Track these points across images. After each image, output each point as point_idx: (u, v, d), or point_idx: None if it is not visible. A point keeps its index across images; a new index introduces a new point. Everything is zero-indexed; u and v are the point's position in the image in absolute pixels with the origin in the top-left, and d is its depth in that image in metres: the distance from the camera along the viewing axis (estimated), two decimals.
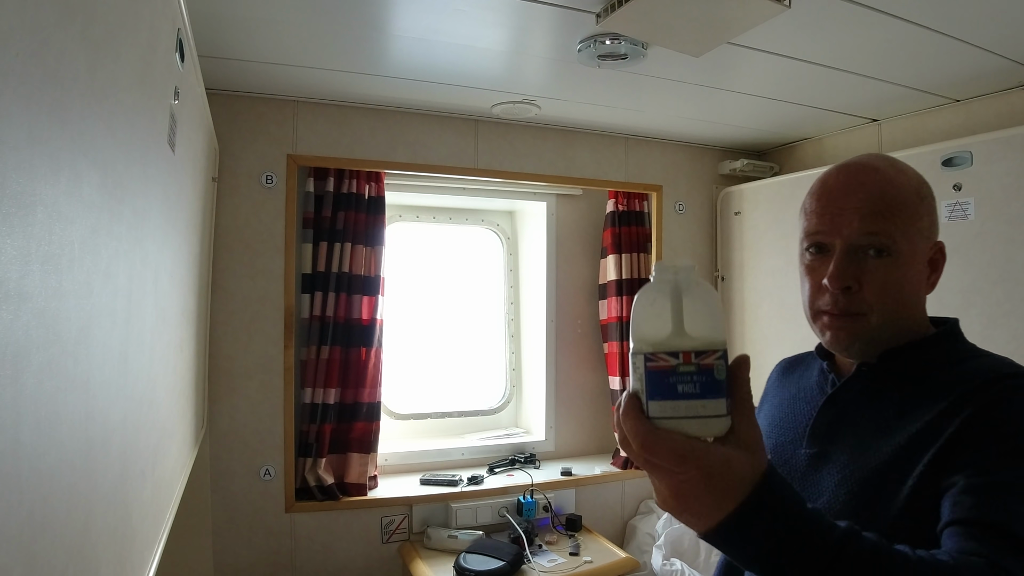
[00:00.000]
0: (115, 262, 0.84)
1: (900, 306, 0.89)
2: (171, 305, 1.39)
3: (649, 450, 0.56)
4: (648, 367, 0.58)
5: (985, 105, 2.21)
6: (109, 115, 0.77)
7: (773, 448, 1.00)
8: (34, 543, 0.57)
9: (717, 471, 0.56)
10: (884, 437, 0.84)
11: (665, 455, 0.56)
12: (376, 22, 1.75)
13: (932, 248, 0.92)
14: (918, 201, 0.89)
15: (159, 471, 1.26)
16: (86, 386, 0.73)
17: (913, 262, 0.89)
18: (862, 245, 0.88)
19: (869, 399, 0.91)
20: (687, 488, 0.57)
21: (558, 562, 2.31)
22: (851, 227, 0.88)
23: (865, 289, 0.88)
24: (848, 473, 0.86)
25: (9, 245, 0.49)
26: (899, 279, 0.88)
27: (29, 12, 0.51)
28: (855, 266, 0.88)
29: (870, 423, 0.88)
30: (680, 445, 0.56)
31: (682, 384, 0.57)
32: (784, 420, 1.02)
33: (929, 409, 0.81)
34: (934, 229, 0.92)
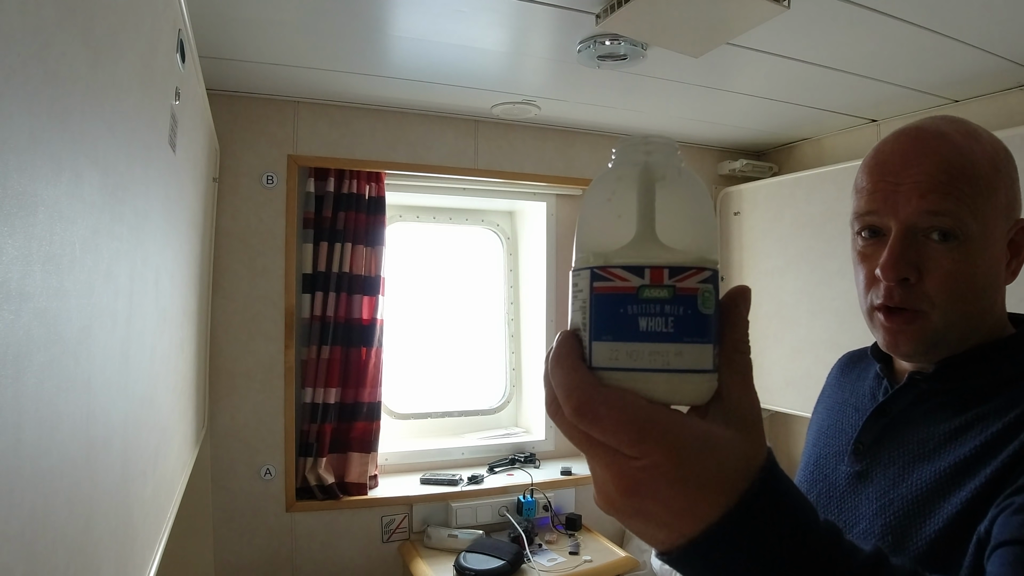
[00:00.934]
0: (116, 262, 0.84)
1: (971, 302, 0.72)
2: (172, 305, 1.39)
3: (588, 416, 0.36)
4: (595, 289, 0.38)
5: (983, 106, 2.21)
6: (110, 116, 0.77)
7: (816, 461, 0.88)
8: (36, 542, 0.57)
9: (693, 457, 0.36)
10: (931, 461, 0.71)
11: (613, 426, 0.36)
12: (376, 23, 1.75)
13: (1013, 228, 0.74)
14: (994, 173, 0.72)
15: (160, 470, 1.26)
16: (87, 386, 0.73)
17: (988, 247, 0.72)
18: (923, 227, 0.72)
19: (923, 414, 0.77)
20: (646, 481, 0.36)
21: (558, 561, 2.31)
22: (910, 205, 0.72)
23: (927, 281, 0.72)
24: (887, 501, 0.73)
25: (10, 245, 0.49)
26: (970, 269, 0.71)
27: (31, 13, 0.51)
28: (915, 252, 0.73)
29: (920, 443, 0.74)
30: (638, 412, 0.36)
31: (647, 317, 0.37)
32: (832, 429, 0.88)
33: (985, 430, 0.68)
34: (1015, 205, 0.75)
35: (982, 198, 0.71)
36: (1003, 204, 0.73)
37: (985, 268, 0.72)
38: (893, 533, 0.71)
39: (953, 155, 0.72)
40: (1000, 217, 0.73)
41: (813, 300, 2.48)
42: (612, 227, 0.38)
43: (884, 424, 0.80)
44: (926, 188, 0.71)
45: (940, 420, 0.74)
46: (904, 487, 0.72)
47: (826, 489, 0.83)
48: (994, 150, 0.74)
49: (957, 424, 0.72)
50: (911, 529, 0.69)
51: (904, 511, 0.71)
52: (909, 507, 0.70)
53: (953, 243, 0.71)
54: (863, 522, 0.75)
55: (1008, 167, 0.75)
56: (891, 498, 0.73)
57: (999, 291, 0.75)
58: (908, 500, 0.71)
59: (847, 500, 0.79)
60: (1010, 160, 0.75)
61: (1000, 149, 0.75)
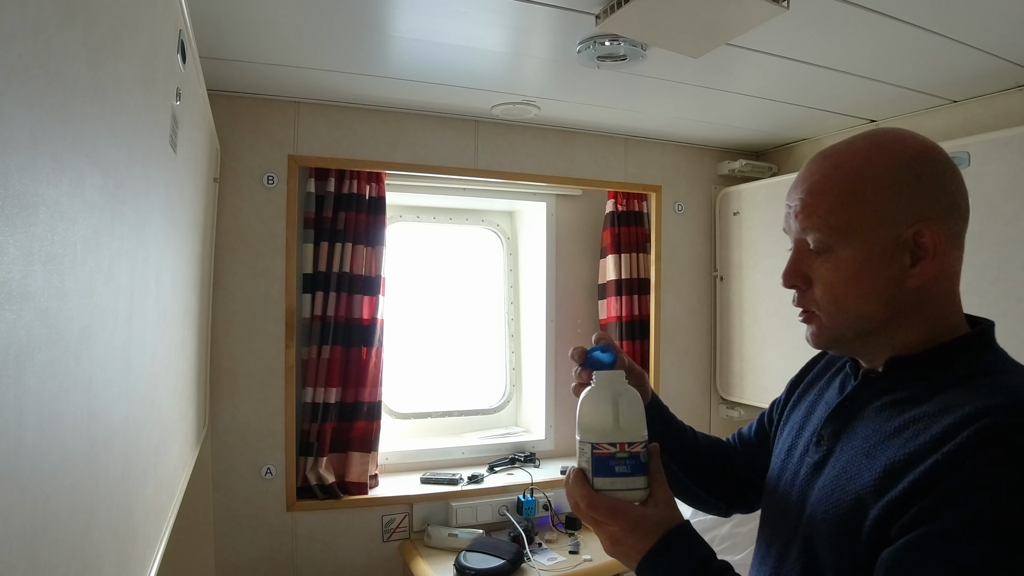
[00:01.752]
0: (117, 262, 0.85)
1: (852, 306, 0.80)
2: (173, 305, 1.39)
3: (593, 508, 0.80)
4: (594, 453, 0.81)
5: (982, 106, 2.21)
6: (111, 116, 0.77)
7: (788, 449, 0.95)
8: (36, 542, 0.57)
9: (639, 522, 0.79)
10: (873, 457, 0.76)
11: (603, 512, 0.80)
12: (377, 23, 1.75)
13: (906, 237, 0.77)
14: (876, 189, 0.77)
15: (161, 470, 1.27)
16: (88, 385, 0.73)
17: (865, 261, 0.78)
18: (808, 241, 0.82)
19: (874, 411, 0.81)
20: (619, 535, 0.80)
21: (558, 560, 2.32)
22: (795, 221, 0.83)
23: (814, 288, 0.83)
24: (831, 491, 0.79)
25: (12, 245, 0.49)
26: (844, 277, 0.79)
27: (31, 13, 0.51)
28: (806, 263, 0.84)
29: (865, 439, 0.79)
30: (613, 505, 0.80)
31: (618, 466, 0.80)
32: (806, 419, 0.95)
33: (916, 437, 0.72)
34: (908, 214, 0.77)
35: (851, 211, 0.78)
36: (886, 213, 0.77)
37: (862, 275, 0.79)
38: (829, 522, 0.77)
39: (831, 173, 0.81)
40: (881, 225, 0.77)
41: None
42: (599, 421, 0.82)
43: (843, 420, 0.85)
44: (799, 210, 0.83)
45: (886, 418, 0.78)
46: (845, 481, 0.78)
47: (790, 477, 0.90)
48: (899, 162, 0.78)
49: (897, 424, 0.76)
50: (844, 522, 0.75)
51: (841, 504, 0.76)
52: (846, 500, 0.76)
53: (826, 255, 0.81)
54: (809, 509, 0.82)
55: (897, 180, 0.77)
56: (833, 490, 0.79)
57: (898, 293, 0.78)
58: (847, 494, 0.76)
59: (804, 488, 0.85)
60: (924, 172, 0.78)
61: (910, 160, 0.78)
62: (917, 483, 0.67)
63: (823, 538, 0.78)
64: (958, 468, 0.65)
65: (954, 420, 0.68)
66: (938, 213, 0.77)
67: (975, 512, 0.63)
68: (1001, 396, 0.68)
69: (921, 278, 0.77)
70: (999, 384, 0.72)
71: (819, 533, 0.79)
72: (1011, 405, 0.66)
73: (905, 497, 0.68)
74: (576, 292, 3.06)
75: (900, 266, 0.77)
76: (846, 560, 0.74)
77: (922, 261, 0.77)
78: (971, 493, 0.63)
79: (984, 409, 0.67)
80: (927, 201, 0.77)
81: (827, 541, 0.77)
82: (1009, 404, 0.66)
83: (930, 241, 0.76)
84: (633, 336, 2.93)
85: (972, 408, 0.68)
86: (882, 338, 0.81)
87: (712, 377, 3.13)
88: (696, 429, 1.15)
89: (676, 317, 3.03)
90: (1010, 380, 0.73)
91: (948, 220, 0.78)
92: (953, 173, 0.79)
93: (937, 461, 0.66)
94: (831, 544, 0.76)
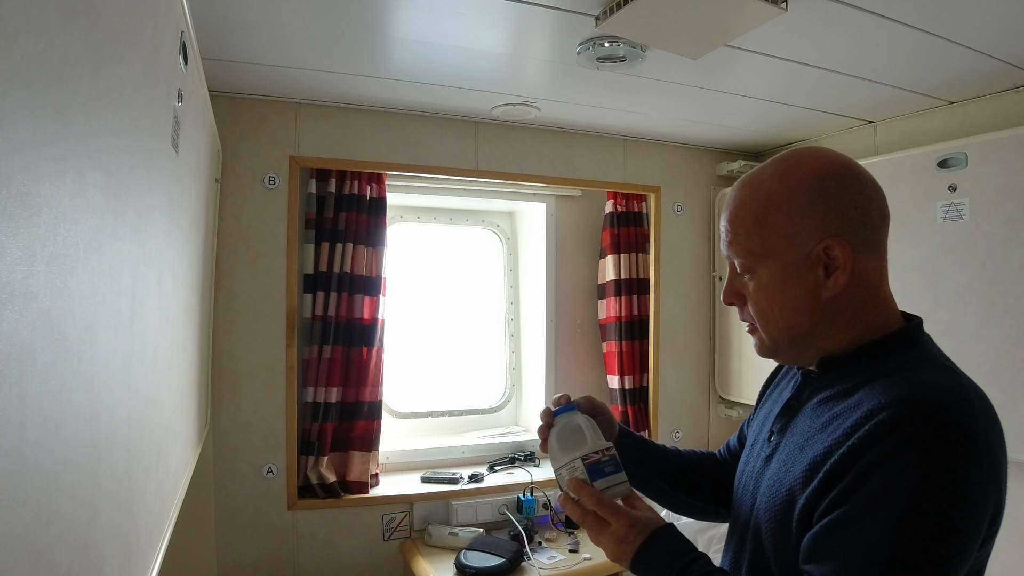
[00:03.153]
0: (119, 262, 0.85)
1: (780, 319, 0.87)
2: (175, 305, 1.40)
3: (601, 505, 0.92)
4: (586, 463, 0.97)
5: (979, 107, 2.21)
6: (113, 117, 0.77)
7: (752, 444, 1.03)
8: (39, 540, 0.57)
9: (635, 521, 0.90)
10: (803, 451, 0.83)
11: (609, 509, 0.92)
12: (377, 25, 1.76)
13: (817, 252, 0.83)
14: (782, 213, 0.84)
15: (163, 469, 1.27)
16: (91, 385, 0.73)
17: (781, 279, 0.85)
18: (735, 265, 0.91)
19: (812, 407, 0.89)
20: (620, 532, 0.91)
21: (557, 559, 2.32)
22: (724, 249, 0.92)
23: (749, 306, 0.91)
24: (771, 483, 0.87)
25: (14, 246, 0.49)
26: (767, 295, 0.87)
27: (34, 14, 0.51)
28: (740, 284, 0.91)
29: (801, 433, 0.87)
30: (614, 504, 0.93)
31: (606, 467, 0.97)
32: (765, 418, 1.03)
33: (835, 432, 0.79)
34: (815, 231, 0.83)
35: (763, 235, 0.85)
36: (790, 235, 0.84)
37: (782, 292, 0.86)
38: (770, 511, 0.86)
39: (744, 202, 0.88)
40: (790, 247, 0.84)
41: None
42: (578, 442, 1.00)
43: (788, 416, 0.94)
44: (724, 237, 0.91)
45: (818, 414, 0.86)
46: (783, 474, 0.86)
47: (750, 468, 0.99)
48: (799, 187, 0.84)
49: (825, 419, 0.83)
50: (780, 513, 0.84)
51: (778, 494, 0.85)
52: (782, 491, 0.84)
53: (749, 277, 0.89)
54: (758, 498, 0.91)
55: (795, 202, 0.83)
56: (774, 482, 0.87)
57: (819, 305, 0.85)
58: (783, 485, 0.85)
59: (756, 479, 0.94)
60: (826, 190, 0.83)
61: (811, 182, 0.83)
62: (829, 473, 0.76)
63: (765, 527, 0.87)
64: (860, 458, 0.73)
65: (861, 414, 0.76)
66: (846, 226, 0.83)
67: (873, 495, 0.71)
68: (903, 391, 0.75)
69: (836, 288, 0.83)
70: (907, 380, 0.77)
71: (763, 522, 0.87)
72: (907, 399, 0.73)
73: (821, 487, 0.76)
74: (576, 292, 3.06)
75: (815, 279, 0.84)
76: (781, 547, 0.83)
77: (835, 273, 0.83)
78: (870, 479, 0.72)
79: (885, 403, 0.74)
80: (833, 217, 0.83)
81: (768, 529, 0.86)
82: (906, 398, 0.74)
83: (839, 254, 0.82)
84: (632, 336, 2.93)
85: (876, 403, 0.75)
86: (810, 343, 0.88)
87: (711, 376, 3.13)
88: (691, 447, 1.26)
89: (675, 317, 3.03)
90: (917, 376, 0.78)
91: (859, 231, 0.83)
92: (861, 186, 0.84)
93: (843, 453, 0.75)
94: (771, 532, 0.85)
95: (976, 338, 1.96)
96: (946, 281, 2.04)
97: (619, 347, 2.90)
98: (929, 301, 2.09)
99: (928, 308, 2.11)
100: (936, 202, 2.08)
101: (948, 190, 2.04)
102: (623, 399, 2.91)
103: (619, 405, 2.93)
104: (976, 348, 1.96)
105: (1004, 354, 1.89)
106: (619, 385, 2.92)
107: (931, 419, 0.72)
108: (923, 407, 0.73)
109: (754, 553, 0.90)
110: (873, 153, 2.57)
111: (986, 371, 1.93)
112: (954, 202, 2.03)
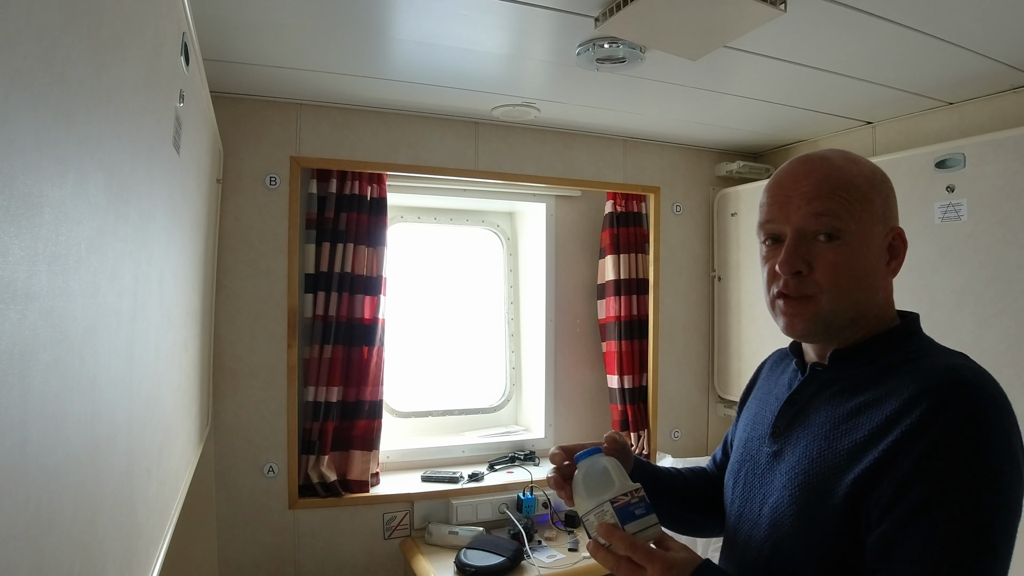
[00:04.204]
0: (121, 262, 0.85)
1: (852, 289, 0.88)
2: (176, 305, 1.40)
3: (634, 550, 0.85)
4: (615, 506, 0.90)
5: (977, 108, 2.22)
6: (115, 118, 0.78)
7: (745, 443, 1.05)
8: (41, 539, 0.57)
9: (672, 564, 0.83)
10: (833, 440, 0.86)
11: (643, 554, 0.84)
12: (378, 26, 1.76)
13: (889, 233, 0.91)
14: (868, 186, 0.90)
15: (164, 468, 1.28)
16: (92, 385, 0.74)
17: (865, 245, 0.89)
18: (812, 230, 0.89)
19: (825, 400, 0.92)
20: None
21: (557, 558, 2.33)
22: (799, 212, 0.89)
23: (816, 272, 0.89)
24: (795, 474, 0.89)
25: (17, 246, 0.50)
26: (850, 261, 0.88)
27: (36, 15, 0.52)
28: (806, 250, 0.89)
29: (820, 425, 0.89)
30: (648, 548, 0.86)
31: (636, 510, 0.90)
32: (759, 415, 1.06)
33: (873, 418, 0.82)
34: (890, 214, 0.92)
35: (859, 205, 0.88)
36: (879, 211, 0.90)
37: (863, 262, 0.89)
38: (797, 503, 0.87)
39: (833, 172, 0.90)
40: (877, 223, 0.90)
41: None
42: (606, 484, 0.93)
43: (795, 410, 0.96)
44: (812, 196, 0.89)
45: (837, 405, 0.89)
46: (807, 463, 0.88)
47: (751, 467, 1.00)
48: (871, 170, 0.92)
49: (850, 408, 0.87)
50: (812, 501, 0.85)
51: (807, 485, 0.86)
52: (812, 482, 0.86)
53: (836, 242, 0.88)
54: (775, 493, 0.92)
55: (882, 184, 0.92)
56: (797, 473, 0.89)
57: (880, 285, 0.91)
58: (811, 476, 0.86)
59: (766, 475, 0.96)
60: (886, 180, 0.93)
61: (876, 171, 0.92)
62: (880, 460, 0.78)
63: (791, 518, 0.88)
64: (914, 444, 0.76)
65: (903, 401, 0.80)
66: (897, 220, 0.94)
67: (942, 479, 0.74)
68: (937, 376, 0.80)
69: (895, 271, 0.92)
70: (934, 366, 0.83)
71: (786, 514, 0.88)
72: (946, 382, 0.79)
73: (870, 474, 0.79)
74: (575, 292, 3.07)
75: (884, 260, 0.91)
76: (813, 534, 0.85)
77: (897, 259, 0.92)
78: (932, 464, 0.75)
79: (926, 388, 0.79)
80: (895, 209, 0.94)
81: (794, 519, 0.87)
82: (945, 382, 0.79)
83: (900, 243, 0.92)
84: (632, 336, 2.94)
85: (916, 388, 0.79)
86: (861, 324, 0.91)
87: (710, 376, 3.14)
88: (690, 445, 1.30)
89: (674, 317, 3.04)
90: (942, 361, 0.85)
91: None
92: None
93: (896, 439, 0.77)
94: (799, 521, 0.87)
95: (973, 338, 1.96)
96: (944, 281, 2.04)
97: (618, 347, 2.91)
98: (927, 301, 2.09)
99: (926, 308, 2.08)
100: (934, 203, 2.08)
101: (946, 191, 2.05)
102: (622, 399, 2.92)
103: (618, 405, 2.93)
104: (974, 348, 1.94)
105: (1001, 354, 1.89)
106: (618, 385, 2.92)
107: (974, 399, 0.76)
108: (964, 387, 0.77)
109: (776, 543, 0.90)
110: (871, 154, 2.57)
111: None
112: (952, 203, 2.03)
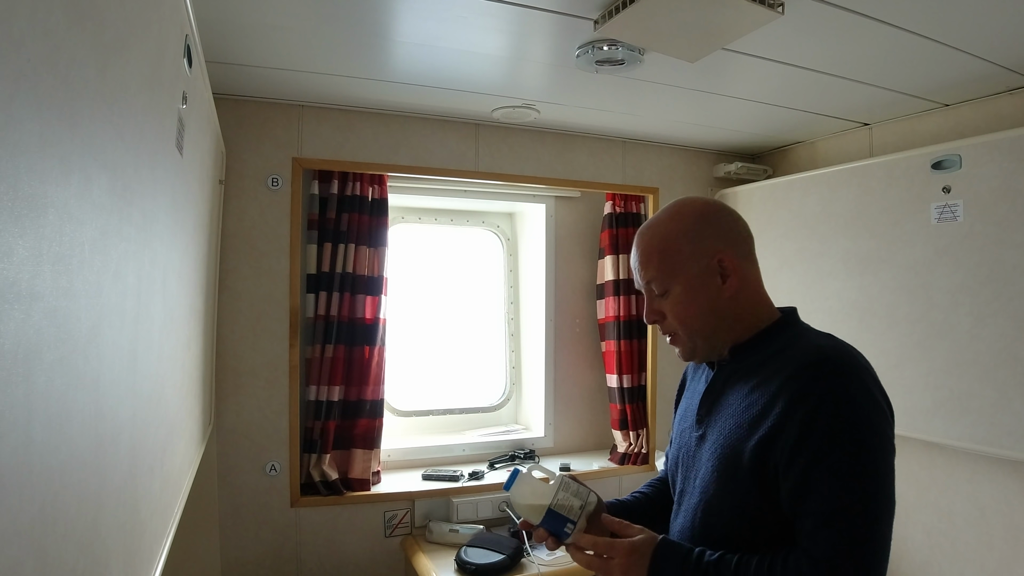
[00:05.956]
0: (124, 263, 0.86)
1: (698, 323, 1.11)
2: (179, 305, 1.41)
3: (597, 548, 1.08)
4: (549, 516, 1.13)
5: (974, 109, 2.22)
6: (118, 119, 0.78)
7: (680, 432, 1.25)
8: (45, 537, 0.58)
9: (633, 547, 1.05)
10: (738, 416, 1.07)
11: (605, 548, 1.08)
12: (380, 28, 1.77)
13: (712, 264, 1.09)
14: (683, 238, 1.11)
15: (167, 467, 1.28)
16: (96, 384, 0.74)
17: (690, 288, 1.10)
18: (650, 291, 1.15)
19: (730, 388, 1.12)
20: (625, 563, 1.05)
21: (556, 555, 2.32)
22: (639, 279, 1.17)
23: (669, 318, 1.14)
24: (715, 448, 1.09)
25: (21, 246, 0.50)
26: (683, 306, 1.11)
27: (40, 18, 0.52)
28: (656, 303, 1.15)
29: (730, 408, 1.10)
30: (606, 540, 1.09)
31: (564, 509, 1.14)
32: (687, 410, 1.25)
33: (763, 396, 1.03)
34: (705, 247, 1.10)
35: (672, 260, 1.11)
36: (691, 256, 1.10)
37: (695, 301, 1.10)
38: (718, 470, 1.07)
39: (653, 240, 1.14)
40: (693, 265, 1.10)
41: (807, 299, 2.49)
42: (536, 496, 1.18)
43: (712, 400, 1.16)
44: (641, 267, 1.15)
45: (739, 389, 1.10)
46: (723, 439, 1.08)
47: (686, 451, 1.20)
48: (690, 221, 1.12)
49: (748, 388, 1.08)
50: (728, 466, 1.05)
51: (724, 455, 1.06)
52: (727, 452, 1.06)
53: (667, 295, 1.13)
54: (703, 468, 1.12)
55: (696, 231, 1.11)
56: (716, 447, 1.09)
57: (725, 306, 1.11)
58: (726, 448, 1.06)
59: (695, 455, 1.16)
60: (707, 218, 1.13)
61: (695, 220, 1.12)
62: (773, 426, 0.99)
63: (714, 480, 1.08)
64: (797, 411, 0.97)
65: (784, 378, 1.01)
66: (729, 243, 1.12)
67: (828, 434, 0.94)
68: (810, 355, 1.01)
69: (731, 289, 1.10)
70: (807, 347, 1.05)
71: (712, 480, 1.08)
72: (815, 360, 1.00)
73: (768, 438, 0.99)
74: (575, 292, 3.07)
75: (716, 286, 1.10)
76: (730, 488, 1.05)
77: (728, 279, 1.10)
78: (817, 424, 0.95)
79: (803, 365, 1.00)
80: (718, 237, 1.11)
81: (718, 481, 1.07)
82: (814, 359, 1.00)
83: (729, 263, 1.10)
84: (631, 335, 2.94)
85: (794, 367, 1.01)
86: (721, 338, 1.13)
87: None
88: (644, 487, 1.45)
89: None
90: (812, 342, 1.06)
91: (736, 246, 1.12)
92: (731, 213, 1.16)
93: (783, 409, 0.98)
94: (722, 482, 1.06)
95: (970, 338, 1.96)
96: (940, 281, 2.05)
97: (618, 346, 2.92)
98: (924, 301, 2.10)
99: (923, 308, 2.11)
100: (930, 203, 2.08)
101: (942, 192, 2.05)
102: (621, 398, 2.92)
103: (617, 404, 2.94)
104: (970, 348, 1.96)
105: (997, 354, 1.89)
106: (617, 384, 2.93)
107: (836, 370, 0.98)
108: (828, 362, 0.99)
109: (707, 504, 1.09)
110: (868, 155, 2.58)
111: (980, 371, 1.94)
112: (948, 204, 2.03)
